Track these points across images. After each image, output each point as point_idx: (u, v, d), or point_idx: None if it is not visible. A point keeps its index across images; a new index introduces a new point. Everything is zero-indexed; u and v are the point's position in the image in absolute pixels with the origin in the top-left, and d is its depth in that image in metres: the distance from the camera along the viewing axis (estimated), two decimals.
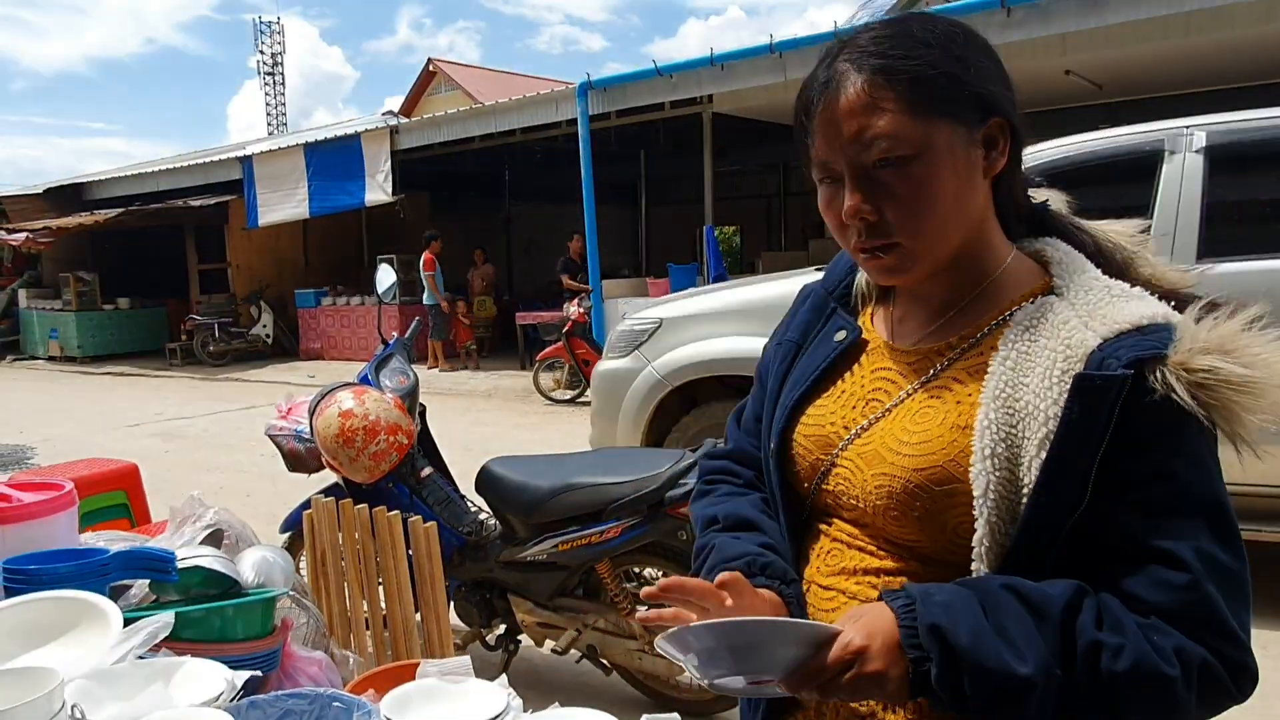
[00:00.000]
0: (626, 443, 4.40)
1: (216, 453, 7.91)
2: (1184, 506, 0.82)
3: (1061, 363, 0.84)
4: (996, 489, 0.85)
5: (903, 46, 0.88)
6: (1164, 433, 0.82)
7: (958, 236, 0.91)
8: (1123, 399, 0.81)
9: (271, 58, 47.12)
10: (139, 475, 2.55)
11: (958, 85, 0.88)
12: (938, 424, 0.91)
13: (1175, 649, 0.79)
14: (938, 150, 0.87)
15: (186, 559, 1.48)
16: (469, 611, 3.09)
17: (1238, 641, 0.81)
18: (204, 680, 1.16)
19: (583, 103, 10.88)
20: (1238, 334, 0.83)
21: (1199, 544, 0.81)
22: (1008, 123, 0.91)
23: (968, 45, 0.91)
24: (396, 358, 3.24)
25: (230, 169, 15.30)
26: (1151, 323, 0.84)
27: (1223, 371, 0.80)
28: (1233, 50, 8.69)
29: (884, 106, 0.87)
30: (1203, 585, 0.80)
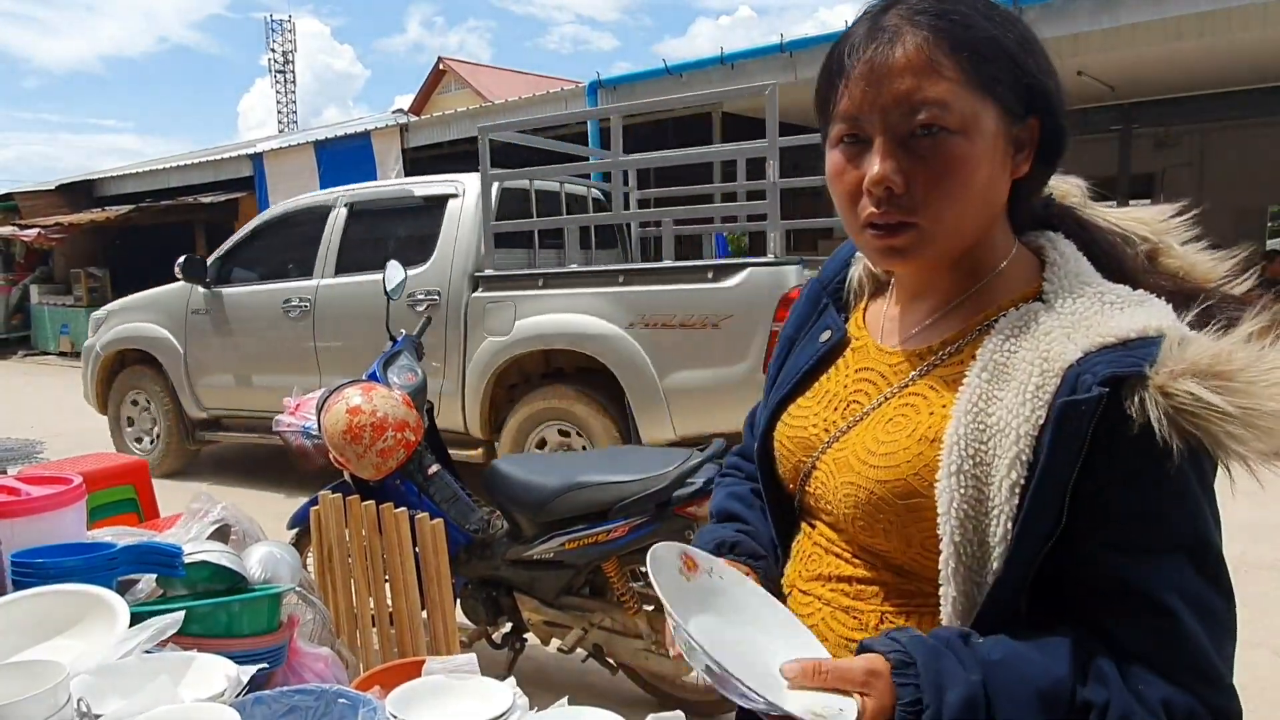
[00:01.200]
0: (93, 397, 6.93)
1: (225, 448, 7.92)
2: (1166, 544, 0.77)
3: (1037, 377, 0.79)
4: (961, 507, 0.81)
5: (965, 14, 0.82)
6: (1145, 462, 0.75)
7: (975, 229, 0.86)
8: (1099, 421, 0.75)
9: (283, 56, 47.28)
10: (147, 470, 2.56)
11: (1015, 70, 0.83)
12: (906, 435, 0.87)
13: (1163, 701, 0.75)
14: (983, 131, 0.82)
15: (193, 554, 1.48)
16: (475, 609, 3.09)
17: (1222, 686, 0.78)
18: (210, 675, 1.16)
19: (592, 101, 10.89)
20: (1235, 350, 0.75)
21: (1182, 583, 0.76)
22: (1042, 127, 0.86)
23: (1029, 36, 0.85)
24: (405, 354, 3.24)
25: (241, 166, 15.35)
26: (1140, 335, 0.77)
27: (1204, 400, 0.72)
28: (1247, 53, 8.64)
29: (942, 71, 0.80)
30: (1186, 630, 0.76)
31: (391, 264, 3.58)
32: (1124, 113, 10.90)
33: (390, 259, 3.63)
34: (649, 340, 4.41)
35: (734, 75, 9.83)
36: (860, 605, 0.92)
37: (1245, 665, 3.32)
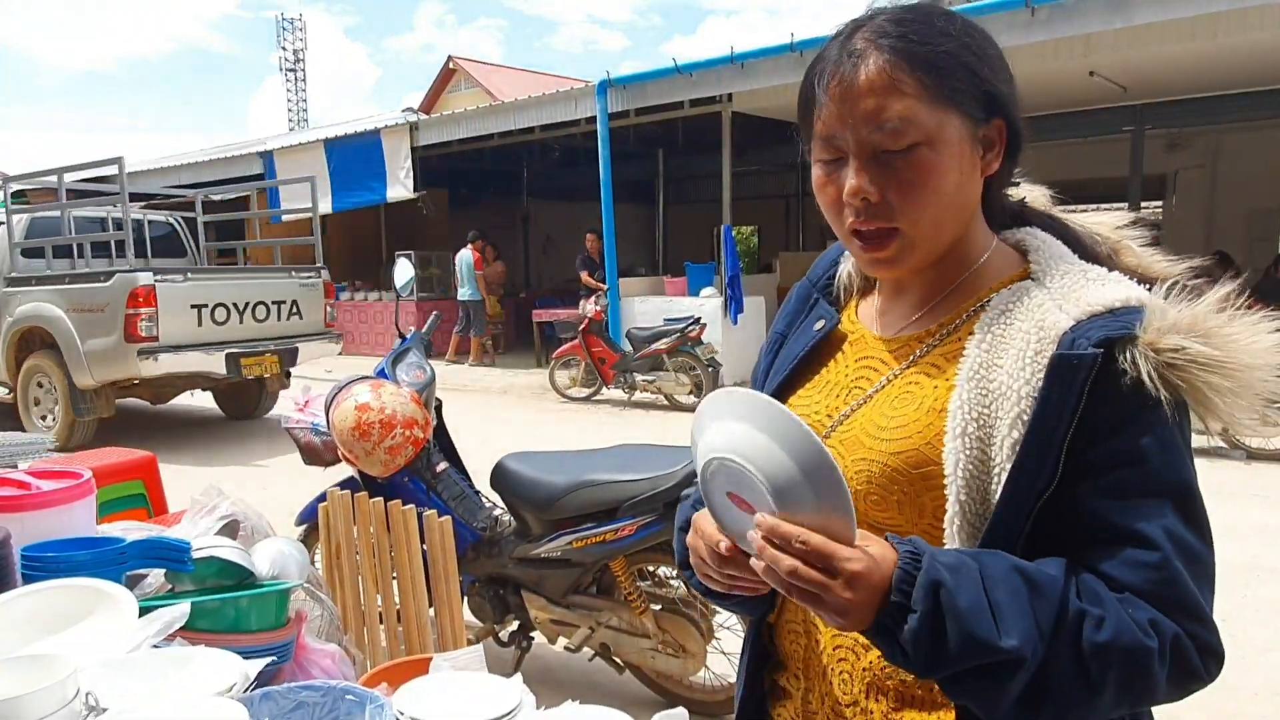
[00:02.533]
0: None
1: (233, 445, 7.96)
2: (1154, 488, 0.82)
3: (1035, 343, 0.85)
4: (967, 468, 0.86)
5: (923, 33, 0.88)
6: (1134, 414, 0.82)
7: (953, 229, 0.93)
8: (1093, 379, 0.81)
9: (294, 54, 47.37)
10: (157, 466, 2.56)
11: (973, 79, 0.89)
12: (914, 408, 0.92)
13: (1150, 621, 0.79)
14: (948, 140, 0.88)
15: (202, 549, 1.48)
16: (483, 607, 3.09)
17: (1207, 622, 0.82)
18: (218, 670, 1.16)
19: (602, 100, 10.87)
20: (1209, 314, 0.83)
21: (1168, 525, 0.81)
22: (1007, 126, 0.92)
23: (985, 44, 0.92)
24: (413, 352, 3.24)
25: (251, 164, 15.40)
26: (1124, 305, 0.85)
27: (1190, 351, 0.80)
28: (1260, 53, 8.57)
29: (902, 89, 0.86)
30: (1173, 565, 0.81)
31: (400, 262, 3.58)
32: (1136, 114, 10.83)
33: (400, 256, 3.63)
34: (76, 320, 7.39)
35: (744, 75, 9.81)
36: None
37: (1259, 669, 3.30)
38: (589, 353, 9.73)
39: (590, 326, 9.69)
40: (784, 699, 1.08)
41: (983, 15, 8.42)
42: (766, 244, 22.11)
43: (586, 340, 9.70)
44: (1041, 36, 8.17)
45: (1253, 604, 3.92)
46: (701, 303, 10.52)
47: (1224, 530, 4.85)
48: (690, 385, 9.24)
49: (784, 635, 1.07)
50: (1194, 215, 14.81)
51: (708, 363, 9.20)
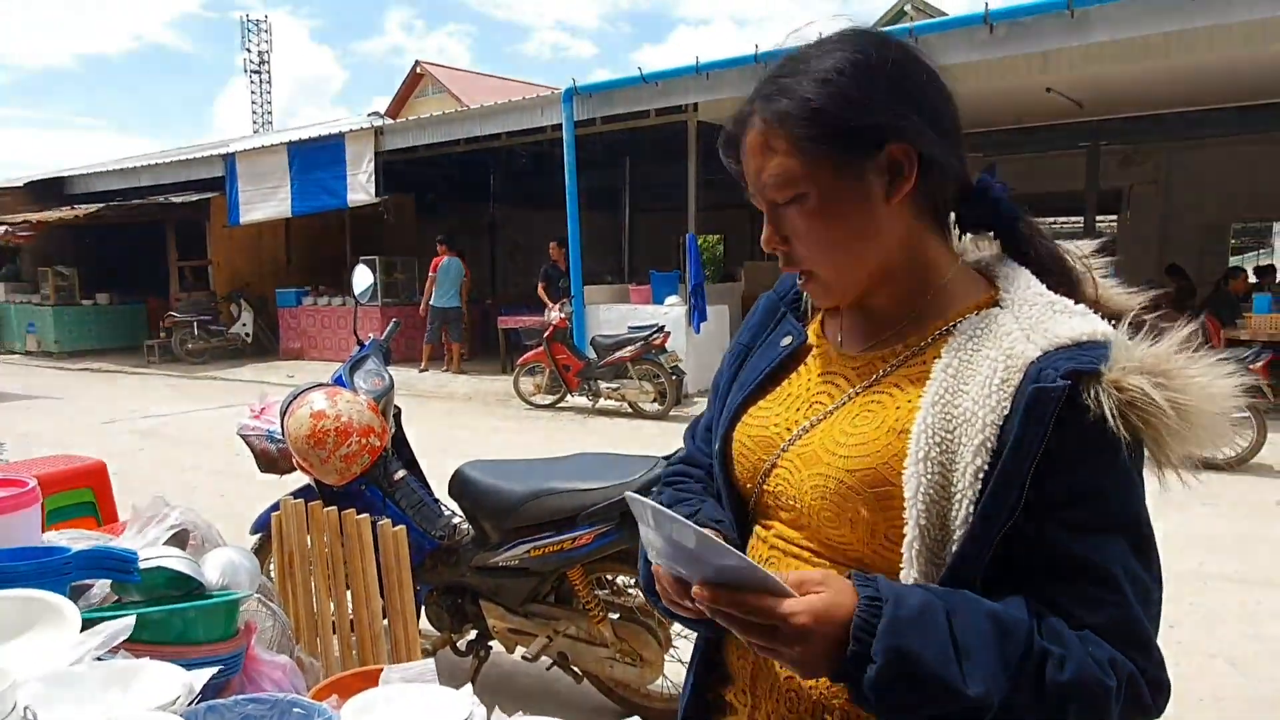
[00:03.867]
0: None
1: (191, 451, 7.84)
2: (1111, 524, 0.84)
3: (1001, 372, 0.86)
4: (927, 492, 0.86)
5: (791, 87, 0.90)
6: (1095, 449, 0.83)
7: (870, 262, 0.94)
8: (1060, 411, 0.82)
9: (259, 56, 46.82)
10: (106, 473, 2.52)
11: (840, 122, 0.88)
12: (875, 427, 0.92)
13: (1109, 660, 0.81)
14: (823, 186, 0.90)
15: (150, 559, 1.46)
16: (440, 616, 3.07)
17: (1156, 659, 0.84)
18: (162, 683, 1.15)
19: (568, 108, 10.89)
20: (1171, 356, 0.85)
21: (1125, 562, 0.83)
22: (909, 147, 0.89)
23: (864, 72, 0.89)
24: (372, 359, 3.22)
25: (213, 166, 15.20)
26: (1090, 339, 0.85)
27: (1151, 395, 0.81)
28: (1212, 73, 8.81)
29: (775, 147, 0.91)
30: (1129, 603, 0.83)
31: (359, 268, 3.56)
32: (1092, 130, 11.06)
33: (360, 262, 3.61)
34: None
35: (709, 84, 9.88)
36: None
37: (1203, 675, 3.38)
38: (553, 360, 9.71)
39: (555, 334, 9.68)
40: (729, 714, 1.07)
41: (943, 32, 8.56)
42: (732, 253, 22.23)
43: (551, 347, 9.68)
44: (1000, 53, 8.32)
45: (1199, 611, 4.01)
46: (666, 311, 10.55)
47: (1171, 538, 4.95)
48: (654, 393, 9.26)
49: (732, 650, 1.06)
50: (1148, 229, 15.14)
51: (671, 370, 9.23)
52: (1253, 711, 3.14)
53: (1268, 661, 3.49)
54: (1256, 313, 8.78)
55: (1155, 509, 0.89)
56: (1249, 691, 3.26)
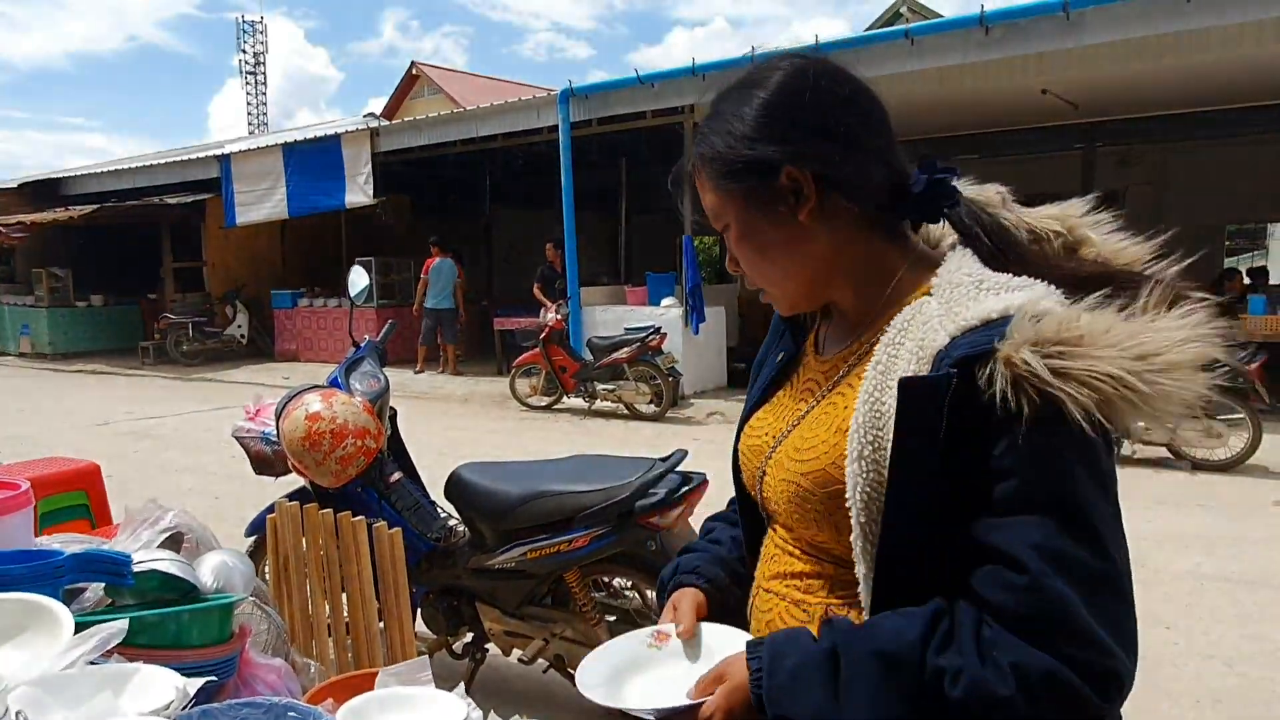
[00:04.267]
0: None
1: (186, 453, 7.82)
2: (1025, 504, 0.80)
3: (914, 365, 0.86)
4: (865, 490, 0.88)
5: (704, 132, 1.00)
6: (999, 429, 0.81)
7: (801, 273, 0.99)
8: (963, 399, 0.81)
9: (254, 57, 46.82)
10: (100, 475, 2.51)
11: (732, 159, 0.96)
12: (825, 428, 0.97)
13: (1012, 665, 0.78)
14: (740, 216, 0.99)
15: (143, 562, 1.46)
16: (436, 619, 3.06)
17: (1094, 643, 0.78)
18: (155, 688, 1.14)
19: (564, 109, 10.89)
20: (1077, 321, 0.81)
21: (1044, 542, 0.79)
22: (799, 170, 0.94)
23: (758, 110, 0.95)
24: (368, 361, 3.21)
25: (208, 167, 15.17)
26: (1002, 315, 0.83)
27: (1034, 366, 0.78)
28: (1207, 75, 8.83)
29: (704, 186, 1.01)
30: (1046, 585, 0.78)
31: (355, 269, 3.55)
32: (1087, 131, 11.09)
33: (356, 264, 3.60)
34: None
35: (705, 86, 9.83)
36: (808, 598, 1.01)
37: (1200, 676, 3.38)
38: (550, 361, 9.71)
39: (551, 335, 9.67)
40: None
41: (939, 34, 8.58)
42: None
43: (547, 349, 9.67)
44: (996, 55, 8.34)
45: (1195, 611, 4.02)
46: (662, 312, 10.55)
47: (1168, 539, 4.97)
48: (650, 394, 9.26)
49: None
50: (1143, 230, 15.13)
51: (668, 372, 9.23)
52: (1249, 712, 3.14)
53: (1264, 662, 3.49)
54: (1252, 314, 8.79)
55: (1153, 512, 0.88)
56: (1246, 692, 3.26)
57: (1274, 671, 3.42)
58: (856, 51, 8.90)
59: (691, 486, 2.74)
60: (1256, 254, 23.74)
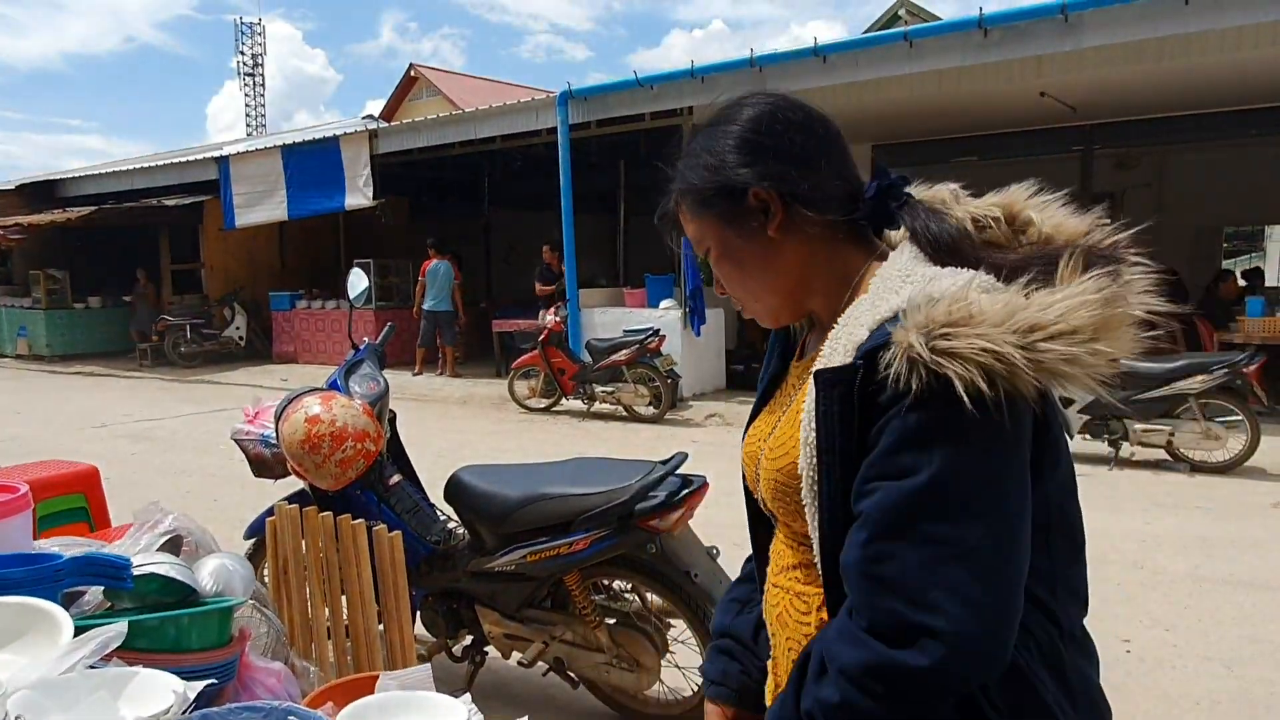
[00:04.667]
0: None
1: (185, 456, 7.81)
2: (885, 471, 0.86)
3: (842, 358, 0.93)
4: (809, 474, 0.95)
5: (680, 169, 1.11)
6: (887, 407, 0.87)
7: (778, 286, 1.08)
8: (869, 390, 0.88)
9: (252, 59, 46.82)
10: (99, 478, 2.50)
11: (703, 189, 1.07)
12: (791, 426, 1.03)
13: (840, 669, 0.87)
14: (715, 238, 1.08)
15: (142, 566, 1.45)
16: (436, 622, 3.06)
17: (918, 601, 0.82)
18: (155, 692, 1.14)
19: (563, 111, 10.89)
20: (968, 304, 0.85)
21: (891, 504, 0.84)
22: (763, 191, 1.03)
23: (720, 141, 1.06)
24: (367, 363, 3.21)
25: (206, 169, 15.16)
26: (904, 308, 0.88)
27: (919, 349, 0.83)
28: (1204, 77, 8.84)
29: (685, 217, 1.11)
30: (878, 543, 0.85)
31: (354, 271, 3.54)
32: (1085, 133, 11.10)
33: (355, 265, 3.60)
34: None
35: (704, 88, 9.89)
36: (807, 589, 1.06)
37: (1199, 678, 3.38)
38: (548, 363, 9.70)
39: (550, 337, 9.66)
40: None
41: (938, 36, 8.58)
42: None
43: (546, 351, 9.67)
44: (994, 57, 8.34)
45: (1194, 614, 4.02)
46: (661, 314, 10.55)
47: (1167, 541, 4.98)
48: (649, 396, 9.25)
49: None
50: (1141, 234, 15.17)
51: (666, 374, 9.23)
52: (1248, 714, 3.14)
53: (1263, 664, 3.49)
54: (1249, 316, 8.80)
55: (1150, 513, 0.89)
56: (1245, 695, 3.26)
57: (1274, 673, 3.42)
58: (855, 54, 8.91)
59: (692, 489, 2.74)
60: (1254, 256, 23.76)
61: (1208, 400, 6.57)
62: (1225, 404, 6.58)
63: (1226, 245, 18.07)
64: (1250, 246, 24.22)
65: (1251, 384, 6.54)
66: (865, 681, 0.84)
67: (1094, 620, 0.99)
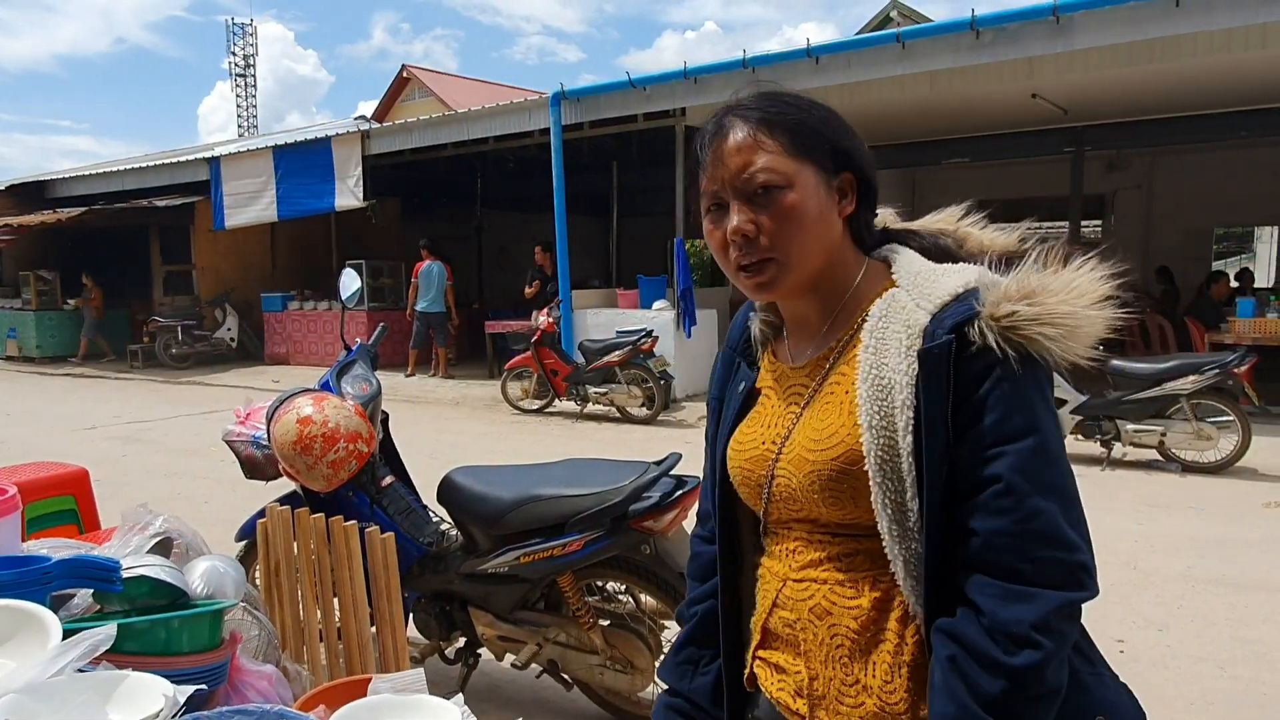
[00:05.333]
0: None
1: (176, 457, 7.77)
2: (1008, 434, 0.97)
3: (906, 340, 1.02)
4: (878, 454, 1.01)
5: (779, 107, 1.10)
6: (985, 376, 0.98)
7: (820, 257, 1.10)
8: (955, 357, 0.98)
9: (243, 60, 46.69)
10: (89, 480, 2.48)
11: (821, 139, 1.09)
12: (837, 415, 1.08)
13: (1023, 625, 0.93)
14: (805, 184, 1.08)
15: (132, 568, 1.44)
16: (428, 624, 3.04)
17: (1071, 545, 0.95)
18: (145, 695, 1.12)
19: (555, 112, 10.88)
20: (1029, 277, 1.01)
21: (1025, 465, 0.96)
22: (856, 178, 1.12)
23: (828, 115, 1.12)
24: (359, 364, 3.19)
25: (197, 170, 15.10)
26: (965, 289, 1.02)
27: (1020, 313, 0.97)
28: (1195, 79, 8.88)
29: (765, 147, 1.08)
30: (1028, 502, 0.95)
31: (347, 271, 3.53)
32: (1076, 135, 11.13)
33: (347, 266, 3.58)
34: None
35: (697, 89, 9.89)
36: (854, 574, 1.09)
37: (1192, 678, 3.37)
38: (541, 364, 9.69)
39: (542, 338, 9.65)
40: (776, 674, 1.19)
41: (930, 38, 8.60)
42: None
43: (539, 352, 9.66)
44: (986, 59, 8.36)
45: (1187, 613, 4.02)
46: (654, 315, 10.54)
47: (1159, 542, 4.99)
48: (642, 397, 9.25)
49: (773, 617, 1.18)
50: (1132, 234, 15.24)
51: (660, 375, 9.22)
52: (1241, 714, 3.15)
53: (1257, 664, 3.50)
54: (1240, 317, 8.84)
55: (1143, 513, 0.92)
56: (1238, 695, 3.27)
57: (1266, 674, 3.43)
58: (848, 55, 8.92)
59: (686, 490, 2.73)
60: (1244, 257, 23.87)
61: (1199, 401, 6.59)
62: (1217, 404, 6.60)
63: (1216, 247, 18.15)
64: (1240, 248, 24.34)
65: (1243, 384, 6.56)
66: (1060, 625, 0.93)
67: (1088, 620, 1.03)
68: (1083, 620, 1.03)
